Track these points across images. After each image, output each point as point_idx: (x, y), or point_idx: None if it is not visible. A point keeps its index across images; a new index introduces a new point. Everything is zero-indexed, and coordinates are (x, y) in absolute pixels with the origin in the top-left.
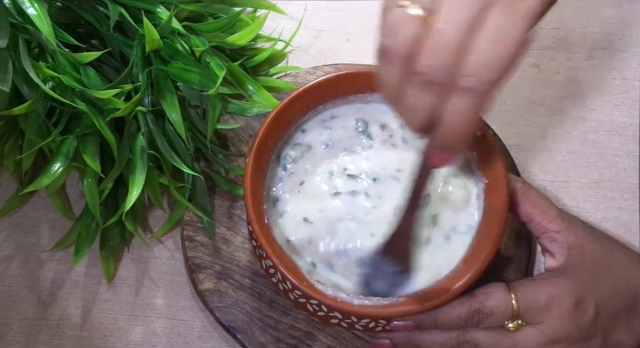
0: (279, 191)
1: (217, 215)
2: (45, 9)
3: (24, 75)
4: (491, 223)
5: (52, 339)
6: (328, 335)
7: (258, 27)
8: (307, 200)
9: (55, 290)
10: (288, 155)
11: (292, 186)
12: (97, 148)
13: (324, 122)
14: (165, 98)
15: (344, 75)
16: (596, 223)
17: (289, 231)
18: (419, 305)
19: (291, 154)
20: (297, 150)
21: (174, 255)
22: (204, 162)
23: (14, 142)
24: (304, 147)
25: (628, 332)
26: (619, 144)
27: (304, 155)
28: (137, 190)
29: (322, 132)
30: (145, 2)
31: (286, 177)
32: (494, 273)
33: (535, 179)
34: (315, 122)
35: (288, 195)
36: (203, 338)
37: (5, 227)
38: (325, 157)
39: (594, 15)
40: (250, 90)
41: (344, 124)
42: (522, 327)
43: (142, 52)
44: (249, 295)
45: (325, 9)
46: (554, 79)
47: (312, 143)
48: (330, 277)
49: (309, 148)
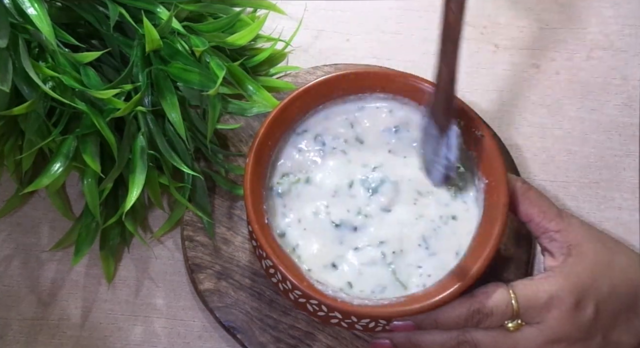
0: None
1: (217, 215)
2: (45, 9)
3: (24, 75)
4: (491, 223)
5: (52, 339)
6: (328, 335)
7: (258, 27)
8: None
9: (55, 290)
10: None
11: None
12: (97, 148)
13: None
14: (165, 98)
15: (344, 75)
16: (596, 223)
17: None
18: (419, 305)
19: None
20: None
21: (174, 255)
22: (204, 162)
23: (14, 142)
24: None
25: (628, 331)
26: (619, 144)
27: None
28: (137, 190)
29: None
30: (145, 2)
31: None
32: (494, 273)
33: (535, 179)
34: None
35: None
36: (203, 338)
37: (5, 227)
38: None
39: (594, 15)
40: (250, 90)
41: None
42: (522, 327)
43: (142, 52)
44: (249, 295)
45: (325, 9)
46: (554, 79)
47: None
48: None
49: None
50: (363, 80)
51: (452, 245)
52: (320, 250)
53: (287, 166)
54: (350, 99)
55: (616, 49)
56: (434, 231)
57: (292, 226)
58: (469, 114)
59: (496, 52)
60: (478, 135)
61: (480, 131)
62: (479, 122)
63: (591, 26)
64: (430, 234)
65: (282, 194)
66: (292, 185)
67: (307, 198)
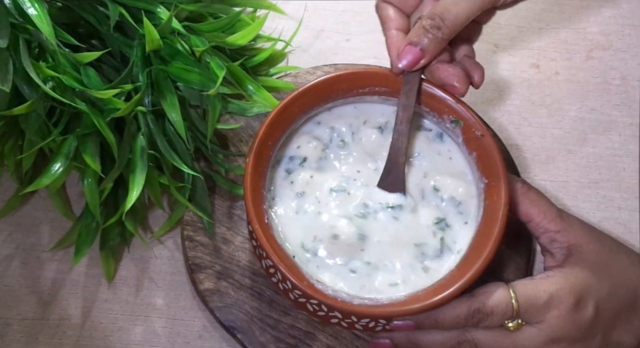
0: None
1: (217, 215)
2: (45, 9)
3: (25, 75)
4: (491, 223)
5: (53, 339)
6: (328, 335)
7: (258, 27)
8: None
9: (55, 290)
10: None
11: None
12: (97, 148)
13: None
14: (165, 98)
15: (344, 75)
16: (596, 223)
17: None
18: (419, 305)
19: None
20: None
21: (174, 255)
22: (204, 162)
23: (14, 142)
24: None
25: (628, 331)
26: (619, 144)
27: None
28: (137, 190)
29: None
30: (145, 2)
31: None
32: (494, 273)
33: (535, 179)
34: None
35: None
36: (203, 338)
37: (5, 227)
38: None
39: (594, 15)
40: (250, 90)
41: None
42: (522, 327)
43: (142, 52)
44: (249, 295)
45: (325, 9)
46: (554, 79)
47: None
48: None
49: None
50: (363, 80)
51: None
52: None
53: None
54: (350, 99)
55: (616, 49)
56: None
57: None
58: (469, 113)
59: (496, 52)
60: (478, 135)
61: (480, 131)
62: (479, 122)
63: (591, 26)
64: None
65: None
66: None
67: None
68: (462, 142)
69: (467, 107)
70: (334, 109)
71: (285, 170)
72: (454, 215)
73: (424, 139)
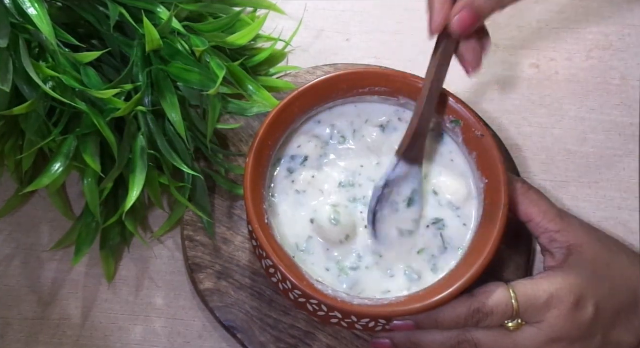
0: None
1: (217, 215)
2: (45, 9)
3: (25, 75)
4: (491, 223)
5: (53, 339)
6: (328, 334)
7: (258, 27)
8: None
9: (55, 290)
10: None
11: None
12: (97, 148)
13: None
14: (165, 98)
15: (344, 75)
16: (596, 223)
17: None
18: (419, 305)
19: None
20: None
21: (174, 255)
22: (204, 162)
23: (14, 142)
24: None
25: (628, 331)
26: (619, 144)
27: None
28: (137, 190)
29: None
30: (145, 2)
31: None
32: (494, 273)
33: (535, 179)
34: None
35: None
36: (203, 337)
37: (5, 226)
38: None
39: (594, 15)
40: (250, 90)
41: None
42: (522, 327)
43: (143, 52)
44: (249, 295)
45: (325, 9)
46: (554, 79)
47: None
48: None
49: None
50: (363, 80)
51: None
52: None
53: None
54: (350, 98)
55: (616, 49)
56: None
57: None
58: (469, 113)
59: (496, 52)
60: (478, 135)
61: (480, 131)
62: (479, 122)
63: (591, 26)
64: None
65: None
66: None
67: (308, 197)
68: (462, 142)
69: (467, 107)
70: (335, 108)
71: (287, 169)
72: (453, 216)
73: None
